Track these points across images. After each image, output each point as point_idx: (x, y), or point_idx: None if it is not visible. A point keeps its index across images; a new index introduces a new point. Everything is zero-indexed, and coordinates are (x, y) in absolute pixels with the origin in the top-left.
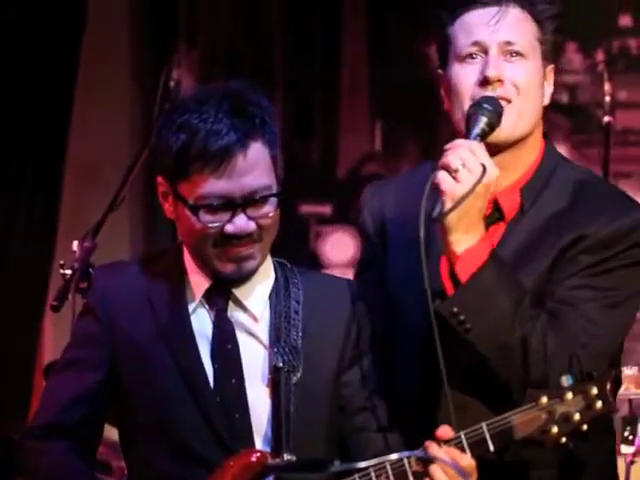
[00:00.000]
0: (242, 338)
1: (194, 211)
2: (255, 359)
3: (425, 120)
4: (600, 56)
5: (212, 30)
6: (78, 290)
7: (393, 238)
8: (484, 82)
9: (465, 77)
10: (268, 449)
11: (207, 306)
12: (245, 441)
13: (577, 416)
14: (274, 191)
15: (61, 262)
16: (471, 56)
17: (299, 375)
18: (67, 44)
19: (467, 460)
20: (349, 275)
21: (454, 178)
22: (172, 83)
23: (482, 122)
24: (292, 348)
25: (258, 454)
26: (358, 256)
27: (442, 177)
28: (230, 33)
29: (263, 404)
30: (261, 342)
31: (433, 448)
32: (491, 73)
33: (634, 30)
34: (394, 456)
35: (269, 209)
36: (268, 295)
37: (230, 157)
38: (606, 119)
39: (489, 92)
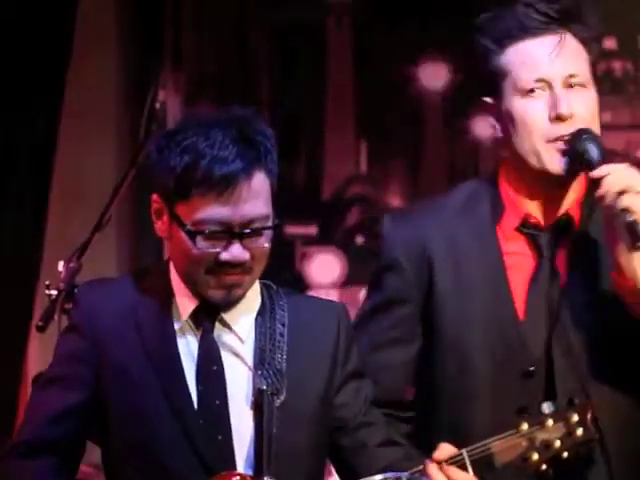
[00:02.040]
0: (227, 359)
1: (191, 235)
2: (240, 381)
3: (411, 141)
4: None
5: (198, 51)
6: (63, 311)
7: (447, 275)
8: (557, 119)
9: (533, 113)
10: (250, 472)
11: (193, 327)
12: (228, 463)
13: (557, 443)
14: (271, 222)
15: (47, 282)
16: (533, 90)
17: (283, 398)
18: (53, 63)
19: (467, 479)
20: (334, 296)
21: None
22: (158, 104)
23: (596, 148)
24: (276, 371)
25: (238, 477)
26: (343, 277)
27: (630, 199)
28: (216, 54)
29: (246, 426)
30: (246, 363)
31: (431, 468)
32: (564, 111)
33: (619, 52)
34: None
35: (264, 241)
36: (254, 317)
37: (235, 185)
38: None
39: (565, 128)
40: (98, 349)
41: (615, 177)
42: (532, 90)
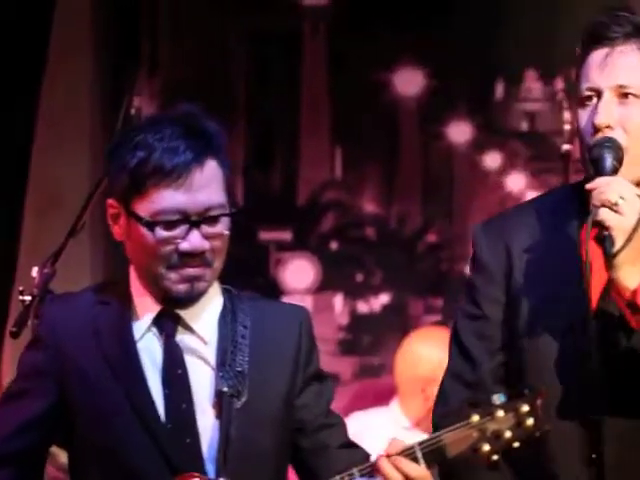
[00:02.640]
0: (191, 362)
1: (150, 227)
2: (204, 383)
3: (386, 147)
4: (560, 84)
5: (174, 58)
6: (37, 317)
7: (526, 274)
8: (594, 129)
9: (581, 122)
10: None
11: (156, 332)
12: (196, 466)
13: (508, 434)
14: (227, 211)
15: (20, 288)
16: (588, 98)
17: (244, 399)
18: (28, 70)
19: (418, 471)
20: (308, 301)
21: (616, 212)
22: (133, 111)
23: (610, 158)
24: (237, 372)
25: (197, 479)
26: (318, 283)
27: (605, 214)
28: (192, 61)
29: (212, 428)
30: (210, 365)
31: (383, 462)
32: (598, 120)
33: None
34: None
35: (222, 228)
36: (217, 319)
37: (187, 172)
38: (565, 147)
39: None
40: (60, 357)
41: (599, 191)
42: (585, 99)
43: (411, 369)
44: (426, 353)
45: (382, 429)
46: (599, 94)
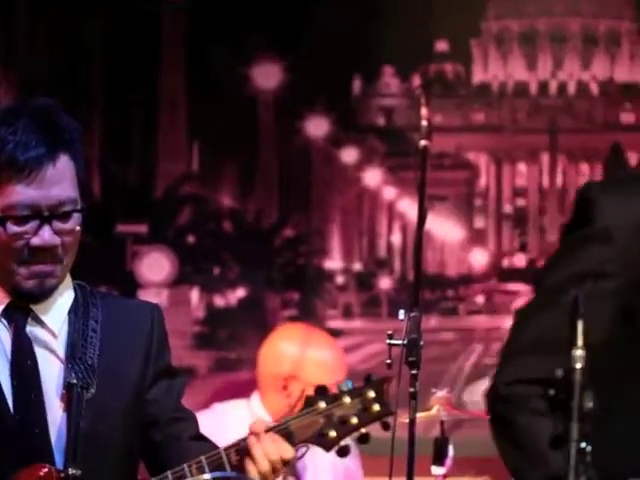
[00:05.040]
0: (41, 354)
1: (1, 222)
2: (53, 375)
3: (244, 141)
4: (417, 80)
5: (31, 52)
6: None
7: None
8: None
9: None
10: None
11: (6, 323)
12: (45, 457)
13: (354, 419)
14: (79, 207)
15: None
16: None
17: (93, 391)
18: None
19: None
20: (164, 295)
21: None
22: None
23: None
24: (87, 366)
25: (45, 469)
26: (174, 276)
27: None
28: (49, 54)
29: (61, 420)
30: (59, 358)
31: (250, 439)
32: None
33: (450, 55)
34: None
35: (73, 224)
36: (67, 312)
37: (39, 167)
38: (422, 143)
39: None
40: None
41: None
42: None
43: (273, 366)
44: (288, 350)
45: (242, 422)
46: None
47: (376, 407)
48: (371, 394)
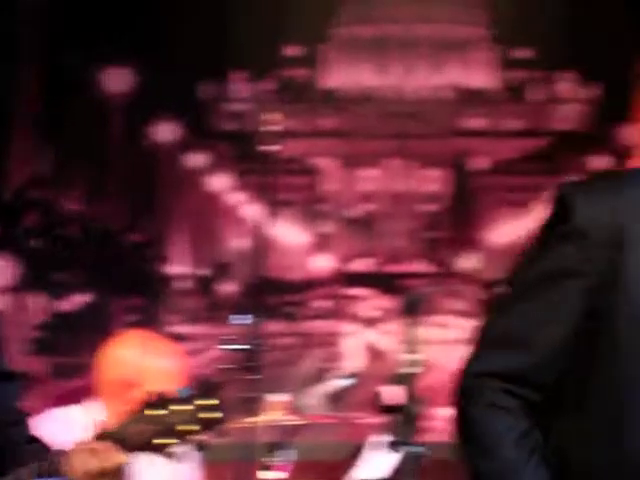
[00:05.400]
0: None
1: None
2: None
3: (93, 145)
4: (267, 85)
5: None
6: None
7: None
8: None
9: None
10: None
11: None
12: None
13: (190, 426)
14: None
15: None
16: None
17: None
18: None
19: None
20: (5, 300)
21: None
22: None
23: None
24: None
25: None
26: (16, 282)
27: None
28: None
29: None
30: None
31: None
32: None
33: (301, 60)
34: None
35: None
36: None
37: None
38: (270, 148)
39: None
40: None
41: None
42: None
43: (112, 372)
44: (127, 356)
45: (79, 428)
46: None
47: (212, 414)
48: (207, 401)
